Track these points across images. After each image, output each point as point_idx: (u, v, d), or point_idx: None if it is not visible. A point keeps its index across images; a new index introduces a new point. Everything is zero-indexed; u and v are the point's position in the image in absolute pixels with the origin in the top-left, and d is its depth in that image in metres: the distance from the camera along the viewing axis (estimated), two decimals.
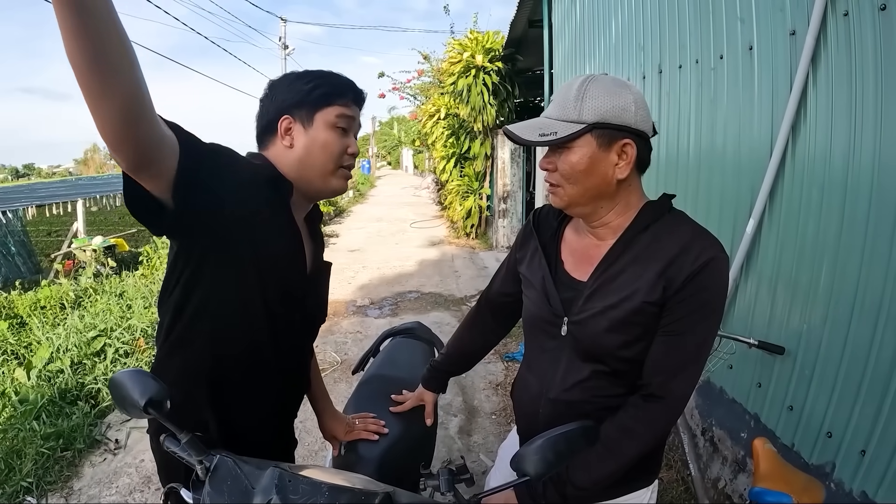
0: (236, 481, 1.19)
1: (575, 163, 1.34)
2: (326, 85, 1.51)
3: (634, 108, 1.31)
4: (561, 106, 1.33)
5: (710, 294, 1.31)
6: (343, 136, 1.53)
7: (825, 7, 2.22)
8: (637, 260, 1.36)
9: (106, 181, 22.38)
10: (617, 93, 1.30)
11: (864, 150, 2.08)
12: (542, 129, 1.34)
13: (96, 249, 8.82)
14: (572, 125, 1.30)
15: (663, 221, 1.40)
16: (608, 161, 1.33)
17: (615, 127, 1.30)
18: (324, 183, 1.55)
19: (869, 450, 2.08)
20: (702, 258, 1.29)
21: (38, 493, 3.40)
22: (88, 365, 4.93)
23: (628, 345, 1.37)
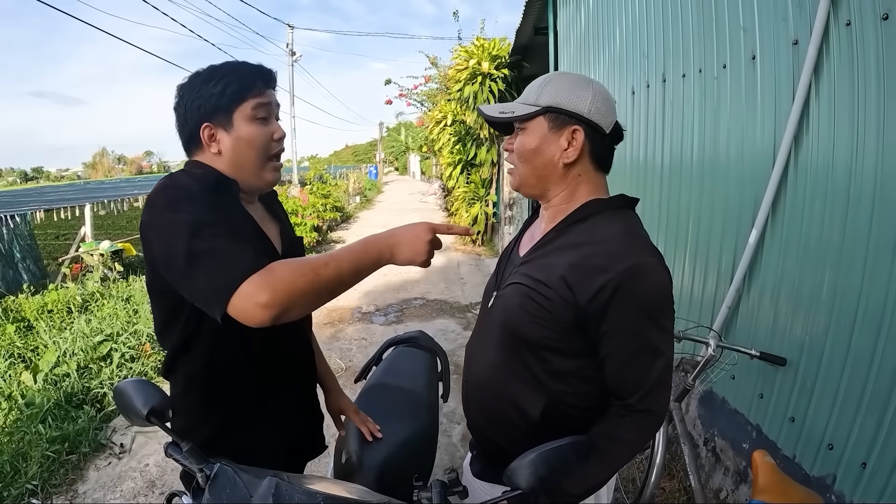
0: (235, 489, 1.20)
1: (527, 142, 1.45)
2: (234, 82, 1.49)
3: (591, 100, 1.39)
4: (526, 92, 1.47)
5: (646, 302, 1.31)
6: (265, 125, 1.54)
7: (827, 16, 2.22)
8: (563, 247, 1.41)
9: (114, 185, 22.48)
10: (577, 84, 1.41)
11: (867, 160, 2.08)
12: (503, 110, 1.48)
13: (104, 254, 8.85)
14: (528, 107, 1.43)
15: (602, 216, 1.43)
16: (557, 144, 1.42)
17: (567, 112, 1.40)
18: (258, 179, 1.57)
19: (870, 462, 2.08)
20: (624, 264, 1.29)
21: (42, 495, 3.42)
22: (95, 369, 4.95)
23: (534, 324, 1.39)
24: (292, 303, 1.19)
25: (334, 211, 15.44)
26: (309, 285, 1.20)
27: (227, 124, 1.50)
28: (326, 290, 1.24)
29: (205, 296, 1.23)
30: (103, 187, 21.24)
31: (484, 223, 12.01)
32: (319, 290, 1.23)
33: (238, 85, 1.49)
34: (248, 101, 1.50)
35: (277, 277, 1.18)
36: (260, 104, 1.52)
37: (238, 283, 1.18)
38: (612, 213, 1.45)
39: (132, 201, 13.49)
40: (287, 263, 1.22)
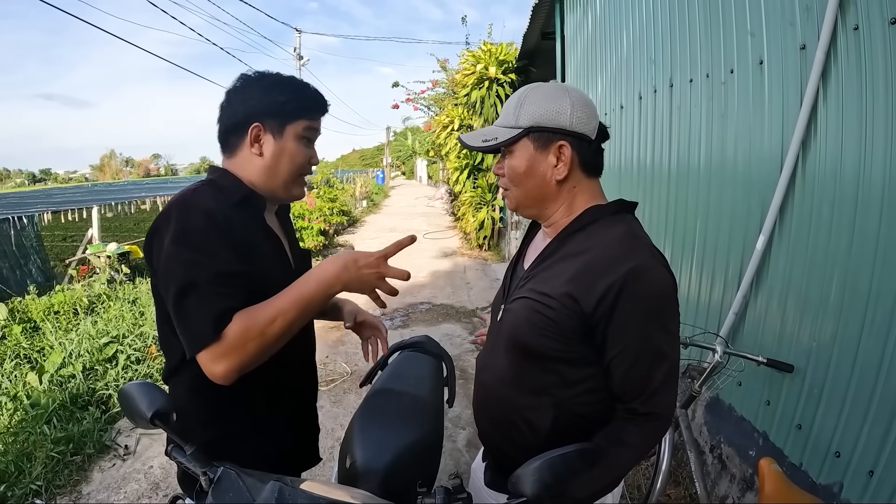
0: (238, 493, 1.20)
1: (516, 166, 1.44)
2: (300, 99, 1.59)
3: (570, 111, 1.37)
4: (504, 114, 1.45)
5: (649, 304, 1.30)
6: (307, 147, 1.63)
7: (835, 21, 2.21)
8: (565, 257, 1.41)
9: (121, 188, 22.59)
10: (553, 97, 1.38)
11: (875, 165, 2.07)
12: (486, 136, 1.45)
13: (111, 256, 8.88)
14: (511, 130, 1.41)
15: (601, 223, 1.42)
16: (546, 163, 1.41)
17: (549, 130, 1.38)
18: (285, 191, 1.63)
19: (877, 470, 2.06)
20: (625, 266, 1.28)
21: (47, 496, 3.43)
22: (100, 371, 4.97)
23: (541, 337, 1.38)
24: (244, 366, 1.35)
25: (341, 215, 15.46)
26: (258, 347, 1.35)
27: (276, 132, 1.56)
28: (277, 343, 1.39)
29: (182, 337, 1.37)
30: (111, 189, 21.35)
31: (490, 228, 12.00)
32: (269, 347, 1.38)
33: (301, 103, 1.59)
34: (304, 121, 1.59)
35: (229, 347, 1.32)
36: (311, 128, 1.61)
37: (199, 349, 1.33)
38: (610, 219, 1.43)
39: (139, 204, 13.55)
40: (239, 330, 1.33)
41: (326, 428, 3.84)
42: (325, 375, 5.13)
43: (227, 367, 1.32)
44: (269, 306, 1.37)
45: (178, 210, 1.42)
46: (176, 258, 1.36)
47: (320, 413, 2.06)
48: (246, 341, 1.33)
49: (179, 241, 1.37)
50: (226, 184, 1.55)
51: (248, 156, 1.57)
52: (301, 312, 1.40)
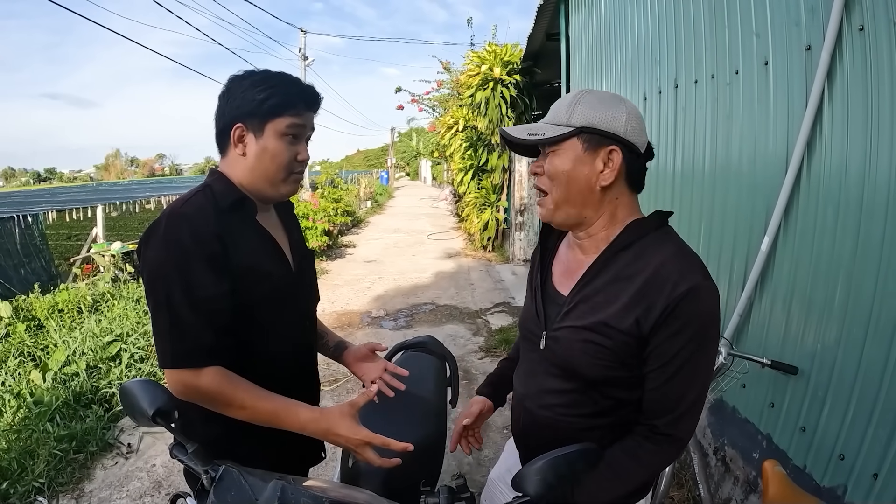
0: (240, 492, 1.20)
1: (559, 164, 1.37)
2: (279, 95, 1.54)
3: (626, 119, 1.33)
4: (554, 112, 1.39)
5: (697, 326, 1.28)
6: (292, 144, 1.59)
7: (840, 22, 2.21)
8: (616, 279, 1.35)
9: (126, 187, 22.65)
10: (610, 103, 1.34)
11: (881, 167, 2.06)
12: (532, 131, 1.39)
13: (115, 255, 8.90)
14: (561, 128, 1.35)
15: (648, 240, 1.38)
16: (593, 167, 1.35)
17: (602, 133, 1.33)
18: (274, 190, 1.62)
19: (881, 473, 2.05)
20: (681, 288, 1.26)
21: (49, 493, 3.44)
22: (104, 369, 4.98)
23: (599, 367, 1.36)
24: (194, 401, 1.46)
25: (345, 215, 15.46)
26: (214, 405, 1.46)
27: (258, 132, 1.56)
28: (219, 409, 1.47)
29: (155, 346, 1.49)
30: (115, 189, 21.42)
31: (495, 229, 12.00)
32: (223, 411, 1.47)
33: (281, 99, 1.54)
34: (284, 118, 1.55)
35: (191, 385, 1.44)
36: (294, 124, 1.56)
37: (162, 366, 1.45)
38: (656, 235, 1.39)
39: (144, 203, 13.59)
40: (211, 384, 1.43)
41: None
42: (328, 376, 5.13)
43: (180, 393, 1.44)
44: (250, 395, 1.45)
45: (167, 223, 1.46)
46: (156, 274, 1.44)
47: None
48: (210, 396, 1.44)
49: (162, 258, 1.44)
50: (218, 188, 1.58)
51: (234, 157, 1.60)
52: (270, 423, 1.48)
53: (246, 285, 1.53)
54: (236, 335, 1.55)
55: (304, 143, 1.64)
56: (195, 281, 1.43)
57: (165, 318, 1.43)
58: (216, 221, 1.50)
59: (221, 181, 1.60)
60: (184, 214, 1.48)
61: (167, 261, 1.43)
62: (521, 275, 9.57)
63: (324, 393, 4.49)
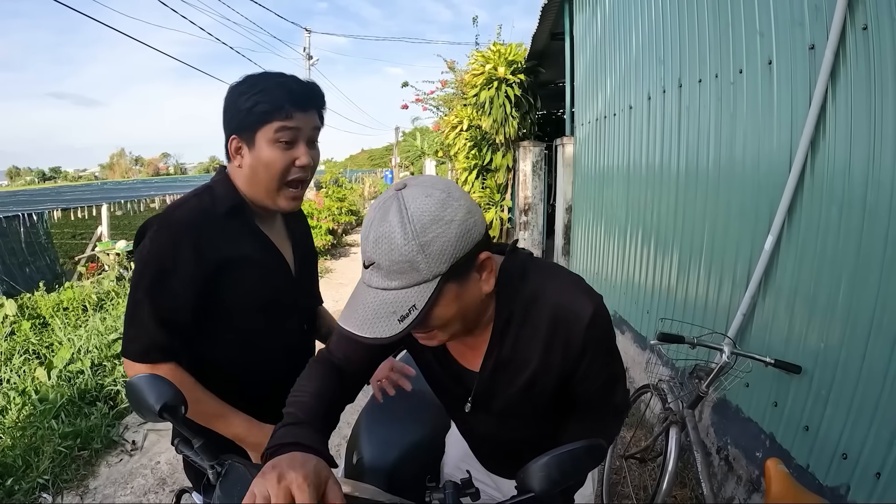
0: (246, 486, 1.20)
1: (444, 313, 1.14)
2: (264, 101, 1.49)
3: (473, 220, 1.10)
4: (400, 272, 1.05)
5: (606, 341, 1.34)
6: (287, 150, 1.53)
7: (844, 21, 2.20)
8: (520, 337, 1.31)
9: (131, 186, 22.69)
10: (450, 219, 1.06)
11: (884, 166, 2.06)
12: (399, 311, 1.06)
13: (119, 253, 8.93)
14: (426, 287, 1.07)
15: (525, 290, 1.29)
16: (473, 286, 1.17)
17: (467, 256, 1.10)
18: (271, 202, 1.59)
19: (884, 472, 2.05)
20: (583, 321, 1.25)
21: (53, 490, 3.45)
22: (108, 367, 5.01)
23: (537, 406, 1.41)
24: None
25: (349, 214, 15.50)
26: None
27: (250, 142, 1.52)
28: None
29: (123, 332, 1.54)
30: (120, 188, 21.47)
31: (499, 228, 11.99)
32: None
33: (266, 106, 1.48)
34: (272, 124, 1.49)
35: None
36: (284, 128, 1.50)
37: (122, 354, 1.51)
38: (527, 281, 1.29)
39: (148, 202, 13.62)
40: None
41: None
42: None
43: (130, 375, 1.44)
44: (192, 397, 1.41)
45: (157, 227, 1.50)
46: (135, 271, 1.50)
47: None
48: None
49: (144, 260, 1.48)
50: (219, 191, 1.58)
51: (234, 168, 1.59)
52: (208, 426, 1.52)
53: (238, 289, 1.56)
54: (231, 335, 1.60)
55: (305, 146, 1.56)
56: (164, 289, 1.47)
57: (129, 311, 1.50)
58: (209, 227, 1.51)
59: (224, 184, 1.60)
60: (171, 222, 1.50)
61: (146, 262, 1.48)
62: None
63: None
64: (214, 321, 1.57)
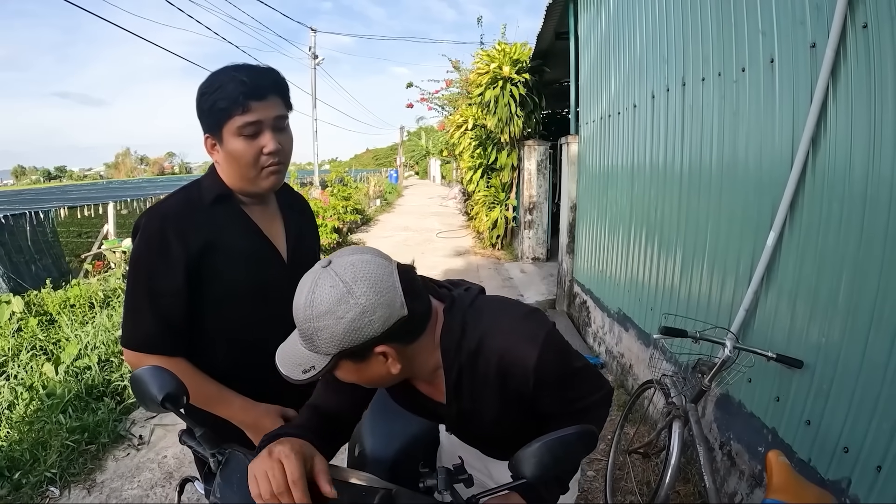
0: (246, 474, 1.23)
1: (348, 377, 1.27)
2: (220, 99, 1.52)
3: (367, 319, 1.13)
4: (304, 338, 1.18)
5: (560, 374, 1.35)
6: (253, 141, 1.57)
7: (844, 19, 2.22)
8: (474, 392, 1.38)
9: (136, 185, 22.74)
10: (341, 315, 1.11)
11: (884, 163, 2.08)
12: (303, 365, 1.20)
13: (126, 251, 8.97)
14: (322, 357, 1.18)
15: (469, 348, 1.32)
16: (376, 367, 1.24)
17: (359, 347, 1.16)
18: (254, 185, 1.65)
19: (885, 466, 2.06)
20: (529, 365, 1.28)
21: (61, 483, 3.49)
22: (116, 363, 5.04)
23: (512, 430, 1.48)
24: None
25: (354, 213, 15.52)
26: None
27: (219, 139, 1.59)
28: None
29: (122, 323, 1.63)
30: (125, 187, 21.53)
31: (504, 227, 12.02)
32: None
33: (223, 103, 1.53)
34: (233, 120, 1.54)
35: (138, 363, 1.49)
36: (245, 123, 1.54)
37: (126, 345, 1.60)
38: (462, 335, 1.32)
39: (154, 200, 13.66)
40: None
41: None
42: None
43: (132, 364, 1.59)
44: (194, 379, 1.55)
45: (146, 219, 1.60)
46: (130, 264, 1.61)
47: None
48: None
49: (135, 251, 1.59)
50: (206, 183, 1.68)
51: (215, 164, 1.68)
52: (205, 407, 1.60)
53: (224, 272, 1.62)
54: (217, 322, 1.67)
55: (270, 133, 1.58)
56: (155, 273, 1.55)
57: (126, 302, 1.60)
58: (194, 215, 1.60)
59: (210, 177, 1.69)
60: (159, 213, 1.60)
61: (138, 254, 1.57)
62: (530, 273, 9.58)
63: None
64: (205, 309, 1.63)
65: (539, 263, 10.48)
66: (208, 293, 1.61)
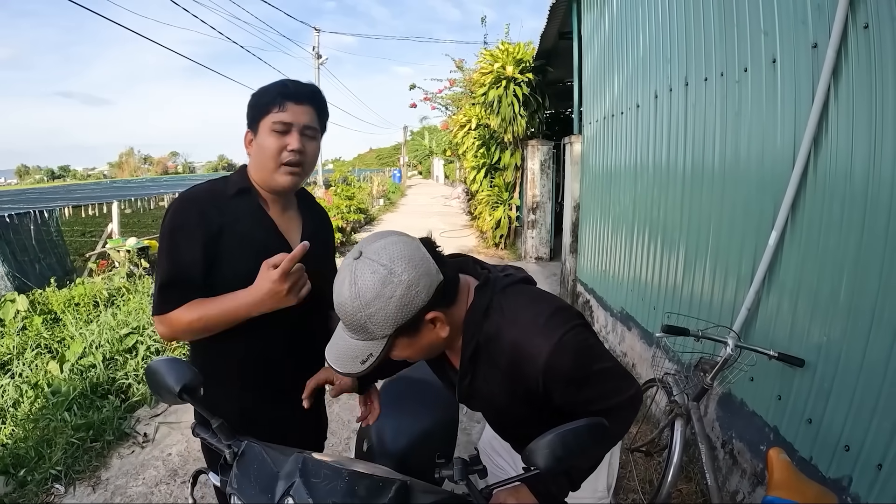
0: (262, 465, 1.25)
1: (404, 353, 1.38)
2: (263, 96, 1.74)
3: (414, 291, 1.23)
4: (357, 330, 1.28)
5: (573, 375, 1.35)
6: (280, 137, 1.73)
7: (846, 20, 2.24)
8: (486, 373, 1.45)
9: (140, 185, 22.77)
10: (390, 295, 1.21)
11: (885, 163, 2.09)
12: (359, 357, 1.30)
13: (130, 250, 8.97)
14: (378, 342, 1.28)
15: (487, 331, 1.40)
16: (428, 335, 1.35)
17: (412, 319, 1.27)
18: (271, 180, 1.78)
19: (885, 464, 2.07)
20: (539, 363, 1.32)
21: (66, 481, 3.50)
22: (120, 361, 5.05)
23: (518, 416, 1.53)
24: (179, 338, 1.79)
25: (358, 213, 15.54)
26: (186, 334, 1.71)
27: (256, 132, 1.77)
28: (203, 332, 1.71)
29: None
30: (129, 186, 21.55)
31: (507, 227, 12.01)
32: (196, 334, 1.72)
33: (264, 100, 1.74)
34: (269, 116, 1.72)
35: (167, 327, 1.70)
36: (277, 120, 1.72)
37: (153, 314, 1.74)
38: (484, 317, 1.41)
39: (158, 200, 13.69)
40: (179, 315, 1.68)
41: (343, 419, 3.87)
42: None
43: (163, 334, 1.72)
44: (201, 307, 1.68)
45: (174, 203, 1.75)
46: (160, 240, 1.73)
47: (336, 405, 2.13)
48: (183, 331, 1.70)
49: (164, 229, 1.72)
50: (233, 178, 1.83)
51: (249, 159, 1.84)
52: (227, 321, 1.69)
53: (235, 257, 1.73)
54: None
55: (297, 134, 1.74)
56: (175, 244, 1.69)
57: (159, 276, 1.72)
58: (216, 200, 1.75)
59: (239, 173, 1.85)
60: (185, 197, 1.76)
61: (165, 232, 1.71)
62: (534, 272, 9.46)
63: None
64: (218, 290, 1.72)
65: (542, 263, 10.50)
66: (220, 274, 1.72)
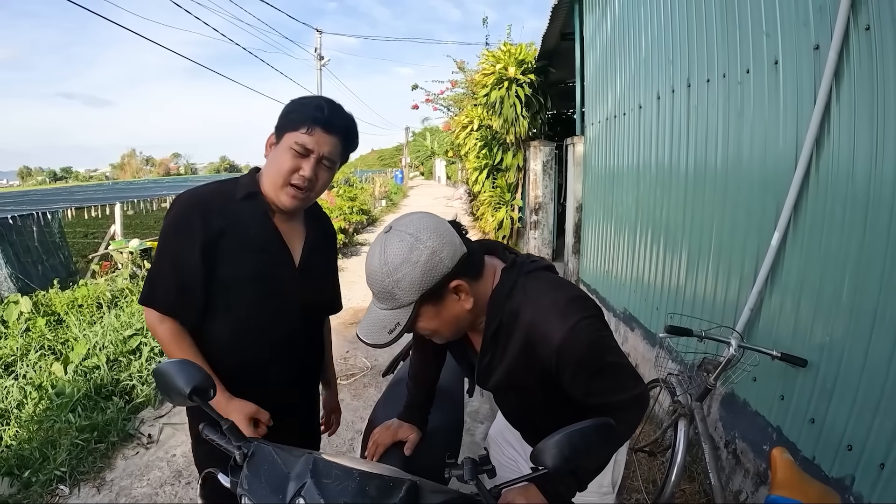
0: (273, 466, 1.26)
1: (430, 324, 1.45)
2: (296, 111, 1.74)
3: (438, 258, 1.33)
4: (385, 298, 1.37)
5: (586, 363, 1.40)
6: (296, 158, 1.73)
7: (847, 21, 2.25)
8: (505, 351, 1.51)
9: (142, 186, 22.77)
10: (416, 260, 1.32)
11: (886, 164, 2.10)
12: (387, 326, 1.38)
13: (133, 252, 8.99)
14: (405, 310, 1.37)
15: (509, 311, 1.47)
16: (452, 306, 1.42)
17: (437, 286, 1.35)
18: (275, 195, 1.78)
19: (888, 463, 2.08)
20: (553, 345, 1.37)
21: (70, 482, 3.51)
22: (124, 362, 5.05)
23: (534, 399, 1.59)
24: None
25: (360, 214, 15.54)
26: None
27: (279, 140, 1.76)
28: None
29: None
30: (132, 188, 21.54)
31: (509, 228, 12.00)
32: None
33: (296, 115, 1.73)
34: (295, 133, 1.71)
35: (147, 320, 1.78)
36: (299, 142, 1.71)
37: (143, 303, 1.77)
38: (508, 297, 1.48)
39: (160, 201, 13.70)
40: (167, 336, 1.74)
41: (347, 421, 3.88)
42: (345, 370, 5.15)
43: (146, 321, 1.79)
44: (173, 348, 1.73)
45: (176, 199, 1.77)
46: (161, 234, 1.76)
47: (341, 406, 2.15)
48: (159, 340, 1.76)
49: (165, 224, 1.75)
50: (243, 181, 1.83)
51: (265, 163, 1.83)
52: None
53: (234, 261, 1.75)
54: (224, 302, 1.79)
55: (313, 162, 1.74)
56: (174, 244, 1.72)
57: (153, 266, 1.77)
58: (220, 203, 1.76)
59: (249, 177, 1.84)
60: (191, 194, 1.78)
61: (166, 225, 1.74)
62: None
63: (341, 387, 4.54)
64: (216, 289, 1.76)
65: None
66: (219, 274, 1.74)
